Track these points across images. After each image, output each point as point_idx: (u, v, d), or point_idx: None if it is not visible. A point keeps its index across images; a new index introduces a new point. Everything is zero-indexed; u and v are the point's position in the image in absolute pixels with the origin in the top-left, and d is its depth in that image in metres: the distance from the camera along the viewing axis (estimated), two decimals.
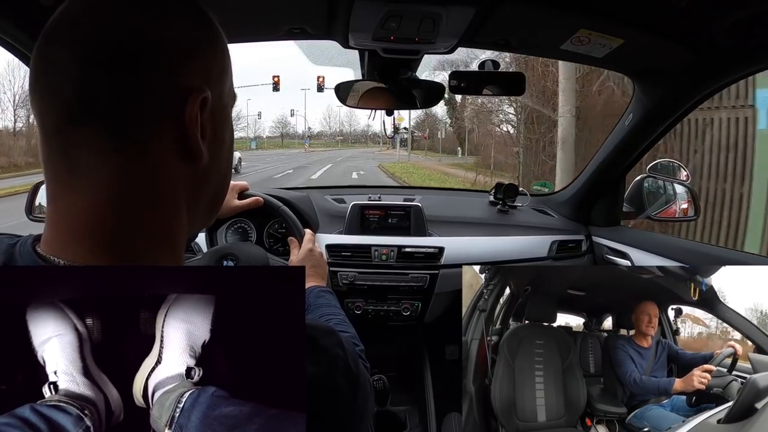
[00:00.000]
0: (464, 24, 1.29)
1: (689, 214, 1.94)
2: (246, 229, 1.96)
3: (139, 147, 0.51)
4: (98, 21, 0.50)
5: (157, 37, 0.51)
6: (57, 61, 0.50)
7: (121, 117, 0.50)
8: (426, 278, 1.95)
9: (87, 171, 0.50)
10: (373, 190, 2.34)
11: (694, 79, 1.48)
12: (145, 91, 0.50)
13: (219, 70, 0.58)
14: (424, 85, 1.74)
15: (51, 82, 0.50)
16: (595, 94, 9.77)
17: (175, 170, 0.54)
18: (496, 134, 17.72)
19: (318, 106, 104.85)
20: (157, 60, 0.51)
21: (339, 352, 0.58)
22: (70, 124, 0.49)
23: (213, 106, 0.55)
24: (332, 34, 1.46)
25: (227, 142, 0.62)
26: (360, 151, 63.92)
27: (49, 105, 0.50)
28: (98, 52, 0.49)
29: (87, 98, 0.49)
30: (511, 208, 2.27)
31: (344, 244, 2.00)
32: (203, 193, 0.59)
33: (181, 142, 0.53)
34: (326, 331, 0.59)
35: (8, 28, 1.13)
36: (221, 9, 1.25)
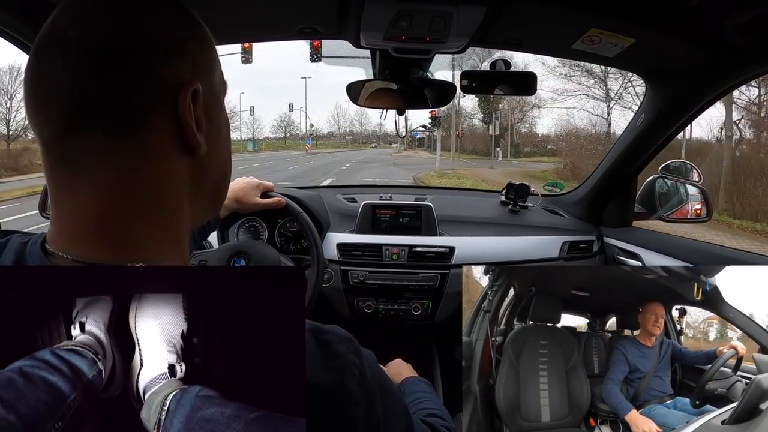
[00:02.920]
0: (475, 23, 1.29)
1: (702, 216, 1.92)
2: (258, 227, 1.97)
3: (138, 145, 0.52)
4: (85, 30, 0.51)
5: (144, 38, 0.52)
6: (49, 72, 0.51)
7: (117, 118, 0.51)
8: (437, 278, 1.95)
9: (90, 173, 0.52)
10: (385, 190, 2.35)
11: (707, 78, 1.46)
12: (137, 91, 0.52)
13: (207, 62, 0.59)
14: (436, 84, 1.74)
15: (46, 93, 0.52)
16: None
17: (174, 163, 0.55)
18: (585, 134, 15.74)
19: (324, 104, 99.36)
20: (145, 60, 0.52)
21: (354, 359, 0.57)
22: (69, 132, 0.51)
23: (205, 97, 0.57)
24: (343, 34, 1.47)
25: (224, 131, 0.63)
26: (373, 152, 55.42)
27: (46, 116, 0.52)
28: (88, 60, 0.50)
29: (82, 105, 0.50)
30: (522, 208, 2.26)
31: (355, 244, 2.00)
32: (205, 182, 0.61)
33: (178, 135, 0.55)
34: (343, 338, 0.58)
35: (17, 26, 1.14)
36: (233, 10, 1.28)
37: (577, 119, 40.60)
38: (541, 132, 38.74)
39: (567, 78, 23.60)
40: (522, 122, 31.00)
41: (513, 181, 2.33)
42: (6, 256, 0.55)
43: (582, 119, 27.07)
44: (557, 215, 2.29)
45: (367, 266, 1.97)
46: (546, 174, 20.38)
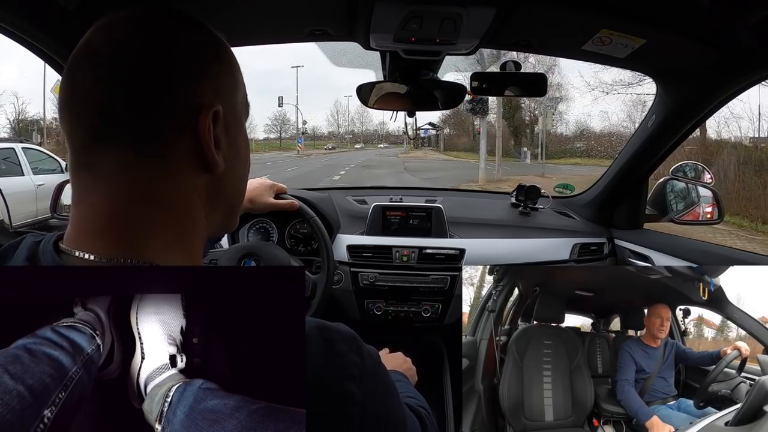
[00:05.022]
0: (485, 25, 1.29)
1: (714, 218, 1.90)
2: (268, 228, 1.99)
3: (158, 159, 0.56)
4: (117, 48, 0.55)
5: (170, 60, 0.57)
6: (81, 86, 0.55)
7: (140, 132, 0.55)
8: (447, 280, 1.95)
9: (109, 178, 0.55)
10: (395, 191, 2.35)
11: (718, 78, 1.45)
12: (160, 108, 0.55)
13: (229, 84, 0.63)
14: (445, 86, 1.74)
15: (78, 104, 0.55)
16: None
17: (192, 179, 0.59)
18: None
19: (321, 98, 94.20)
20: (170, 80, 0.56)
21: (355, 359, 0.57)
22: (95, 140, 0.55)
23: (226, 117, 0.60)
24: (353, 36, 1.47)
25: (243, 151, 0.66)
26: (376, 152, 48.52)
27: (76, 125, 0.56)
28: (117, 76, 0.54)
29: (109, 117, 0.54)
30: (533, 210, 2.25)
31: (365, 245, 2.01)
32: (222, 199, 0.64)
33: (197, 153, 0.58)
34: (347, 337, 0.59)
35: (36, 34, 1.17)
36: (243, 11, 1.29)
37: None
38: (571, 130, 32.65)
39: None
40: (549, 117, 25.00)
41: (523, 182, 2.32)
42: (19, 254, 0.58)
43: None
44: (568, 217, 2.28)
45: (377, 268, 1.97)
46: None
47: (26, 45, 1.21)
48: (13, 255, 0.58)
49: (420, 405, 0.86)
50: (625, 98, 25.87)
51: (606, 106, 34.35)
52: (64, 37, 1.18)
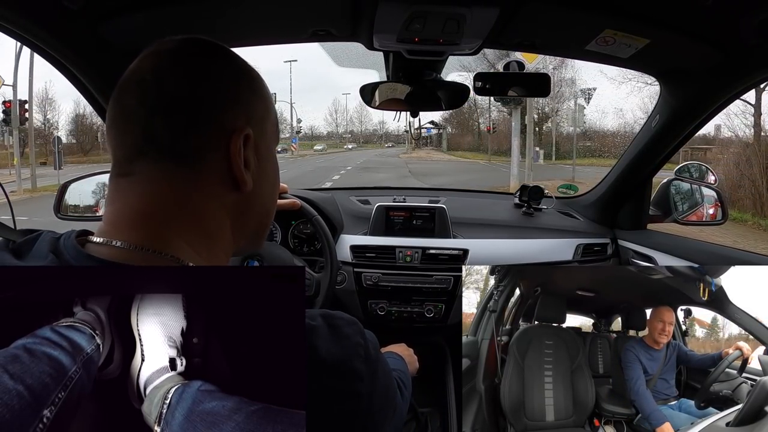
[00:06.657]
0: (488, 25, 1.29)
1: (717, 218, 1.90)
2: (271, 229, 1.99)
3: (194, 172, 0.62)
4: (160, 77, 0.62)
5: (207, 89, 0.63)
6: (128, 107, 0.62)
7: (177, 150, 0.61)
8: (450, 280, 1.95)
9: (144, 183, 0.61)
10: (398, 192, 2.36)
11: (722, 78, 1.45)
12: (197, 130, 0.62)
13: (260, 112, 0.68)
14: (449, 86, 1.74)
15: (123, 122, 0.62)
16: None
17: (222, 196, 0.64)
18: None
19: (317, 95, 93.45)
20: (206, 106, 0.62)
21: (360, 341, 0.63)
22: (137, 154, 0.61)
23: (256, 141, 0.66)
24: (357, 36, 1.48)
25: (271, 175, 0.72)
26: (376, 152, 46.75)
27: (121, 140, 0.62)
28: (160, 101, 0.61)
29: (151, 136, 0.60)
30: (537, 210, 2.26)
31: (369, 245, 2.01)
32: (249, 216, 0.69)
33: (227, 171, 0.63)
34: (350, 321, 0.64)
35: (38, 32, 1.17)
36: (247, 13, 1.30)
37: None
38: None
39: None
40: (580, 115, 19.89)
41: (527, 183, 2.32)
42: (40, 248, 0.59)
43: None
44: (571, 218, 2.28)
45: (381, 268, 1.98)
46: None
47: (30, 45, 1.21)
48: (32, 249, 0.60)
49: (400, 378, 0.92)
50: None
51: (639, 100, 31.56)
52: (68, 37, 1.18)
